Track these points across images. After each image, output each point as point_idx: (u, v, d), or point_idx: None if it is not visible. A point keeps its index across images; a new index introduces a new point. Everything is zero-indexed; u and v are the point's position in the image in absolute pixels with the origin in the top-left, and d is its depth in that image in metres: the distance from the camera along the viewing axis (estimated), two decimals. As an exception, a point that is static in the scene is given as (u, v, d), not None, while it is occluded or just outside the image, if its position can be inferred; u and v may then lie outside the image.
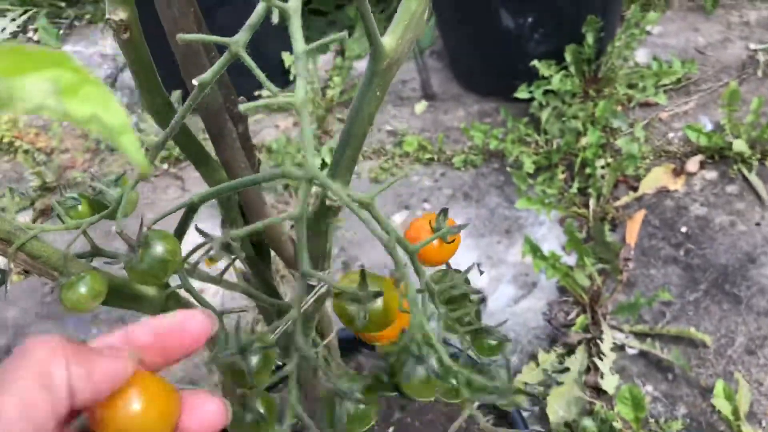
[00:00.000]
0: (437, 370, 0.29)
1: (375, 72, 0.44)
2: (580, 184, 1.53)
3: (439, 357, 0.29)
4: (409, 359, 0.29)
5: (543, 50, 1.64)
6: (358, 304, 0.29)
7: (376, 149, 1.76)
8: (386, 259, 1.23)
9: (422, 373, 0.29)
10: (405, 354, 0.29)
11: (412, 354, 0.29)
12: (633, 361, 1.26)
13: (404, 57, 0.44)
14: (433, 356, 0.29)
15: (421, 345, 0.29)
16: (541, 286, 1.40)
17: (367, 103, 0.45)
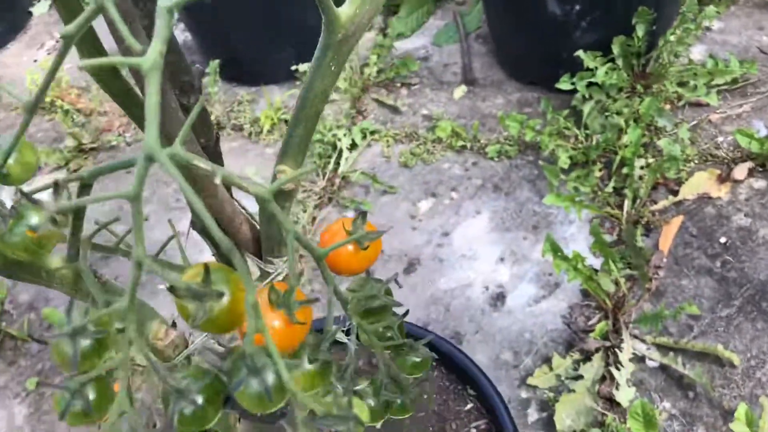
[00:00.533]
0: (270, 388, 0.25)
1: (328, 44, 0.39)
2: (616, 184, 1.45)
3: (278, 372, 0.25)
4: (243, 368, 0.25)
5: (589, 40, 1.56)
6: (198, 302, 0.25)
7: (408, 133, 1.71)
8: (406, 246, 1.20)
9: (254, 388, 0.25)
10: (239, 361, 0.25)
11: (245, 364, 0.25)
12: (652, 375, 1.20)
13: (363, 30, 0.40)
14: (271, 370, 0.25)
15: (257, 356, 0.25)
16: (563, 287, 1.34)
17: (319, 78, 0.40)
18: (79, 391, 0.28)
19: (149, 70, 0.23)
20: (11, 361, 1.44)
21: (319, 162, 1.65)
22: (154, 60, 0.23)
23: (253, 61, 1.90)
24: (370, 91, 1.85)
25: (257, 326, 0.24)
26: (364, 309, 0.36)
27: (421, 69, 1.90)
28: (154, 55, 0.23)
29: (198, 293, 0.25)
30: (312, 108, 0.41)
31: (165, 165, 0.23)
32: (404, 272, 1.42)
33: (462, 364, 0.88)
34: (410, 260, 1.44)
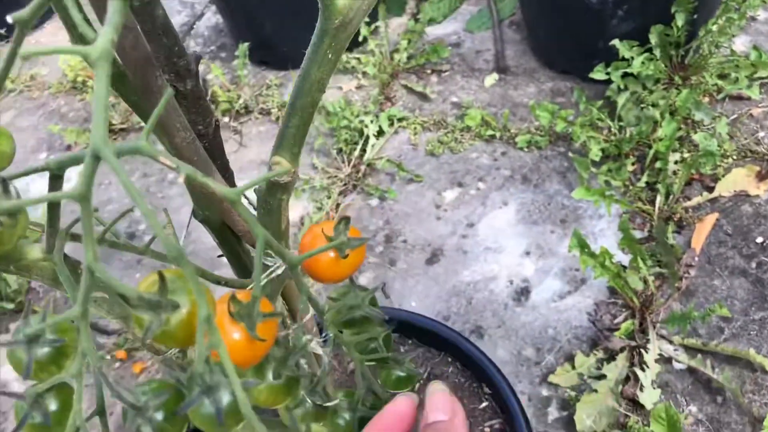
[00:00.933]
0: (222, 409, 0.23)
1: (325, 31, 0.37)
2: (649, 179, 1.41)
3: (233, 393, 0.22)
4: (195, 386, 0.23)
5: (626, 29, 1.50)
6: (153, 313, 0.23)
7: (437, 121, 1.68)
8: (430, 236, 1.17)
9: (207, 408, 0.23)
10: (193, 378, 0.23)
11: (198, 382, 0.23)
12: (679, 377, 1.16)
13: (362, 16, 0.38)
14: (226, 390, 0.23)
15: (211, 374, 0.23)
16: (590, 284, 1.30)
17: (315, 67, 0.38)
18: (37, 401, 0.26)
19: (98, 60, 0.21)
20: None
21: (345, 148, 1.63)
22: (103, 49, 0.21)
23: (283, 44, 1.88)
24: (399, 77, 1.82)
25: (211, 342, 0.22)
26: (346, 319, 0.33)
27: (452, 55, 1.86)
28: (104, 44, 0.21)
29: (152, 303, 0.23)
30: (308, 97, 0.39)
31: (111, 164, 0.21)
32: (427, 263, 1.39)
33: (479, 362, 0.86)
34: (434, 250, 1.41)
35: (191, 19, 2.26)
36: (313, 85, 0.38)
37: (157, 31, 0.40)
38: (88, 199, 0.22)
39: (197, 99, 0.44)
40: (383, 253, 1.43)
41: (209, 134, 0.46)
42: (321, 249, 0.31)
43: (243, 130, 1.80)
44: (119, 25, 0.21)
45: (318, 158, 1.65)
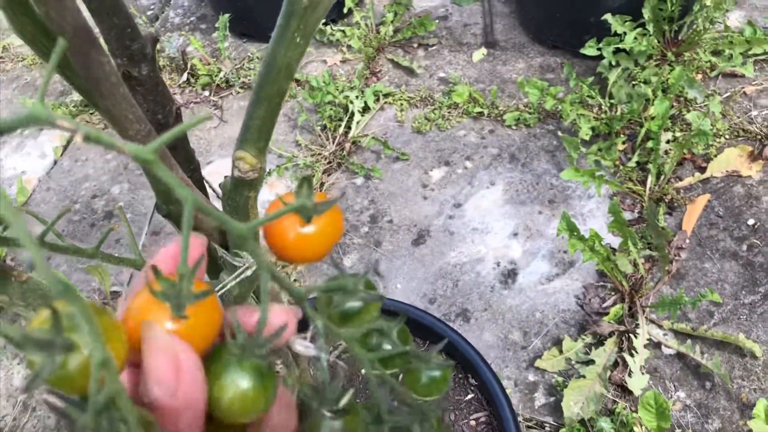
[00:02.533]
0: None
1: (292, 12, 0.33)
2: (639, 158, 1.37)
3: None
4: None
5: (618, 3, 1.46)
6: (45, 354, 0.19)
7: (423, 97, 1.63)
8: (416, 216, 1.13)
9: None
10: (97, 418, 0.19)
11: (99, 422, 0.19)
12: (668, 363, 1.14)
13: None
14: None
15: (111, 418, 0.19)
16: (578, 266, 1.28)
17: (282, 50, 0.34)
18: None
19: None
20: (12, 320, 1.42)
21: (330, 125, 1.58)
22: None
23: (265, 16, 1.82)
24: (385, 52, 1.77)
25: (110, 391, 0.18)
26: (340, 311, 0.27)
27: (439, 29, 1.81)
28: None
29: (43, 343, 0.19)
30: (274, 85, 0.35)
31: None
32: (413, 244, 1.36)
33: (465, 352, 0.83)
34: (420, 231, 1.38)
35: (171, -11, 2.18)
36: (280, 71, 0.34)
37: (105, 10, 0.35)
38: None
39: (155, 86, 0.40)
40: (368, 234, 1.39)
41: (169, 123, 0.42)
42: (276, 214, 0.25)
43: (223, 105, 1.75)
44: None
45: (301, 135, 1.60)
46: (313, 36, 1.46)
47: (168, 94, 0.41)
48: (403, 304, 0.88)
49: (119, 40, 0.37)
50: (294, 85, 1.72)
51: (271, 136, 0.37)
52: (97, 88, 0.35)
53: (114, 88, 0.34)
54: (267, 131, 0.36)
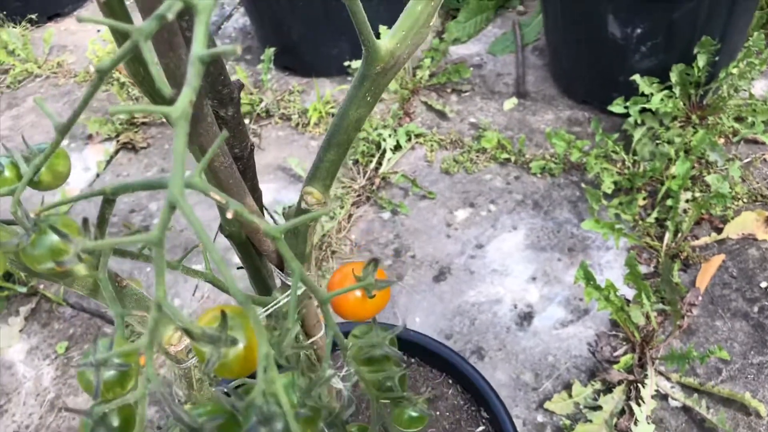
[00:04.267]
0: None
1: (366, 75, 0.39)
2: (659, 215, 1.42)
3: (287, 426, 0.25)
4: (253, 415, 0.25)
5: (647, 65, 1.53)
6: (213, 347, 0.26)
7: (453, 140, 1.70)
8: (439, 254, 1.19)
9: None
10: (251, 407, 0.26)
11: (255, 411, 0.25)
12: (674, 415, 1.17)
13: (402, 63, 0.40)
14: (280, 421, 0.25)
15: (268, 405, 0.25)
16: (593, 314, 1.32)
17: (354, 107, 0.40)
18: (102, 419, 0.28)
19: (178, 120, 0.23)
20: (45, 323, 1.49)
21: (362, 160, 1.65)
22: (183, 109, 0.23)
23: (308, 52, 1.91)
24: (419, 94, 1.84)
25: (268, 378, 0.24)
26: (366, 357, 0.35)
27: (473, 76, 1.88)
28: (183, 105, 0.23)
29: (213, 338, 0.26)
30: (344, 135, 0.41)
31: (187, 216, 0.23)
32: (434, 280, 1.41)
33: (479, 385, 0.88)
34: (441, 268, 1.43)
35: (219, 20, 2.29)
36: (350, 124, 0.41)
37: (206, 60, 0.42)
38: (162, 244, 0.24)
39: (237, 125, 0.46)
40: (391, 267, 1.45)
41: (244, 157, 0.49)
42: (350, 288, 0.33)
43: (262, 134, 1.83)
44: (197, 89, 0.24)
45: (334, 167, 1.67)
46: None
47: (246, 131, 0.48)
48: (422, 335, 0.94)
49: (212, 85, 0.44)
50: (330, 119, 1.80)
51: (335, 177, 0.43)
52: (195, 126, 0.41)
53: (209, 127, 0.41)
54: (333, 172, 0.43)
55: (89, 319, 1.48)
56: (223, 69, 0.44)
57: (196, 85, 0.24)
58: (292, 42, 1.88)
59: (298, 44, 1.89)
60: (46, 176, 0.37)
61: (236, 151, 0.47)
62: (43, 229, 0.32)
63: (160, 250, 0.24)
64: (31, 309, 1.50)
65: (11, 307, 1.50)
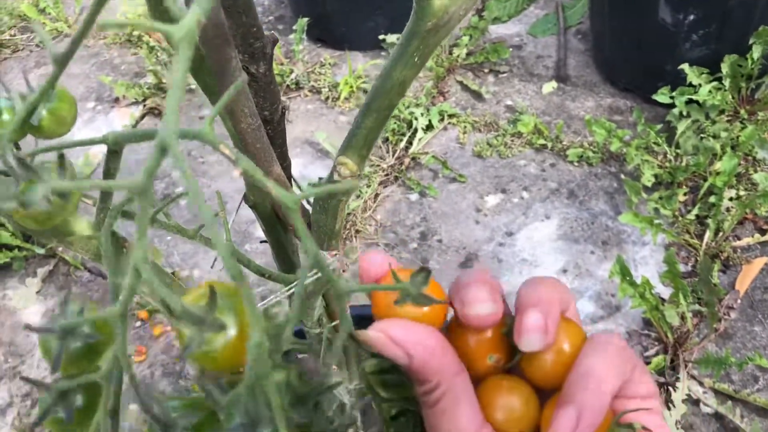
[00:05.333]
0: None
1: (415, 32, 0.34)
2: (699, 212, 1.36)
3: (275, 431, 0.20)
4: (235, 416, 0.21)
5: (697, 55, 1.45)
6: (196, 329, 0.21)
7: (488, 122, 1.64)
8: (466, 239, 1.13)
9: None
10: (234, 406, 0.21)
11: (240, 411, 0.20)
12: (705, 422, 1.12)
13: (457, 21, 0.35)
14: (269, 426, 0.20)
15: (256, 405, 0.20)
16: (624, 311, 1.27)
17: (399, 68, 0.36)
18: (62, 396, 0.24)
19: (180, 41, 0.18)
20: (61, 286, 1.46)
21: (392, 138, 1.60)
22: (188, 30, 0.18)
23: (342, 24, 1.85)
24: (455, 73, 1.78)
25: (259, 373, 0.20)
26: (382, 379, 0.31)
27: (512, 57, 1.82)
28: (190, 24, 0.19)
29: (196, 318, 0.21)
30: (386, 99, 0.37)
31: (178, 161, 0.19)
32: (460, 266, 1.36)
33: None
34: (468, 254, 1.38)
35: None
36: (393, 86, 0.36)
37: (238, 8, 0.37)
38: (148, 194, 0.19)
39: (268, 84, 0.42)
40: (417, 250, 1.40)
41: (274, 120, 0.44)
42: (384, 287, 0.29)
43: (291, 106, 1.78)
44: (208, 9, 0.19)
45: (363, 144, 1.62)
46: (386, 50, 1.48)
47: (277, 92, 0.43)
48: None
49: (244, 37, 0.39)
50: (362, 95, 1.75)
51: (373, 147, 0.39)
52: (222, 81, 0.37)
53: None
54: (371, 141, 0.38)
55: (107, 284, 1.45)
56: (255, 20, 0.39)
57: (207, 5, 0.19)
58: (326, 13, 1.83)
59: (332, 15, 1.83)
60: (48, 121, 0.33)
61: (266, 114, 0.43)
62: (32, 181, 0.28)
63: (145, 201, 0.20)
64: (48, 271, 1.47)
65: (29, 267, 1.48)
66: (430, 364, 0.28)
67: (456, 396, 0.29)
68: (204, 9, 0.18)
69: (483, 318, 0.30)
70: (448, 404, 0.29)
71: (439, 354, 0.29)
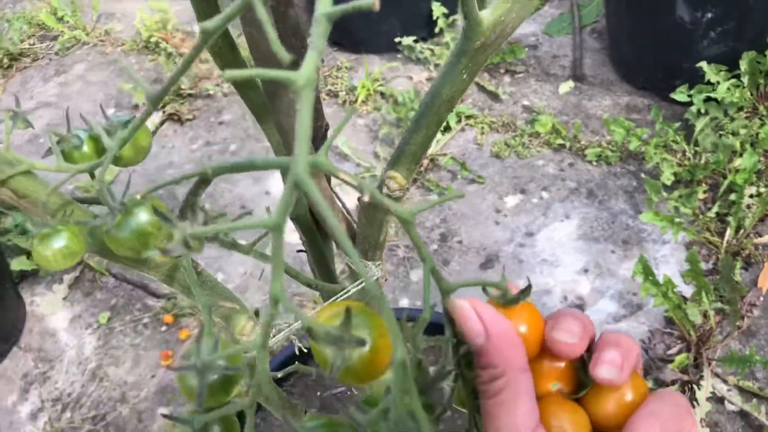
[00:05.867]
0: None
1: (465, 51, 0.36)
2: (720, 210, 1.36)
3: None
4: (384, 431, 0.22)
5: (715, 52, 1.45)
6: (336, 348, 0.23)
7: (505, 123, 1.65)
8: (487, 240, 1.14)
9: None
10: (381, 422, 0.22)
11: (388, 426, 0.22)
12: (730, 419, 1.12)
13: (503, 39, 0.36)
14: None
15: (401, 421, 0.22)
16: (646, 310, 1.27)
17: (448, 85, 0.37)
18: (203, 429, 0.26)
19: (303, 87, 0.20)
20: (88, 292, 1.49)
21: (410, 140, 1.61)
22: (308, 76, 0.20)
23: (358, 27, 1.86)
24: (472, 74, 1.79)
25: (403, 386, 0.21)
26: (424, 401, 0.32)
27: (528, 57, 1.82)
28: (309, 71, 0.20)
29: (336, 338, 0.22)
30: (435, 115, 0.38)
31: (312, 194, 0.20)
32: (481, 267, 1.37)
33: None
34: (489, 255, 1.39)
35: (268, -9, 2.25)
36: (442, 104, 0.37)
37: (288, 32, 0.39)
38: (282, 230, 0.21)
39: (315, 102, 0.43)
40: (437, 252, 1.41)
41: (318, 137, 0.45)
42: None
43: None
44: (323, 51, 0.20)
45: (381, 147, 1.63)
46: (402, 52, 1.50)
47: (321, 110, 0.45)
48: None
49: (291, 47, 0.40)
50: (379, 98, 1.76)
51: (420, 161, 0.40)
52: (274, 104, 0.38)
53: (290, 104, 0.37)
54: (419, 156, 0.39)
55: (132, 290, 1.47)
56: (304, 41, 0.41)
57: (322, 47, 0.20)
58: (343, 16, 1.84)
59: (348, 19, 1.84)
60: (128, 151, 0.34)
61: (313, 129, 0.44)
62: (129, 210, 0.29)
63: (280, 237, 0.21)
64: (74, 277, 1.50)
65: (55, 274, 1.51)
66: (502, 351, 0.30)
67: (517, 390, 0.30)
68: (320, 51, 0.20)
69: (568, 345, 0.31)
70: (509, 397, 0.30)
71: (514, 345, 0.30)
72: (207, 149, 1.74)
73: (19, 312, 1.43)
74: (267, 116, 0.43)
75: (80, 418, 1.28)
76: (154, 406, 1.28)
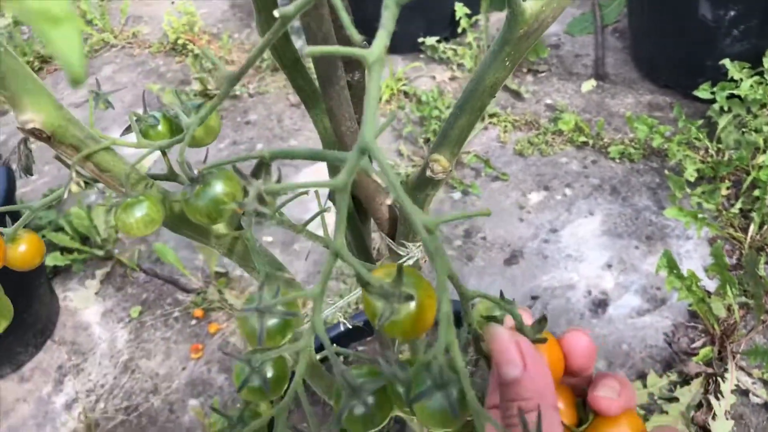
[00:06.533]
0: (455, 404, 0.24)
1: (508, 39, 0.38)
2: (743, 205, 1.37)
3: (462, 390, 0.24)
4: (427, 380, 0.24)
5: (738, 49, 1.46)
6: (386, 302, 0.25)
7: (528, 121, 1.67)
8: (511, 237, 1.16)
9: (437, 402, 0.24)
10: (423, 373, 0.25)
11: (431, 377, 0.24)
12: (755, 411, 1.13)
13: (545, 27, 0.38)
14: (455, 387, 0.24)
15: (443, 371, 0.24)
16: (670, 304, 1.28)
17: (492, 72, 0.39)
18: (259, 368, 0.28)
19: (374, 63, 0.22)
20: (119, 287, 1.52)
21: (433, 138, 1.63)
22: (379, 53, 0.22)
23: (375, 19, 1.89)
24: (494, 73, 1.81)
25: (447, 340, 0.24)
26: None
27: (550, 56, 1.84)
28: (380, 49, 0.22)
29: (388, 293, 0.25)
30: (478, 101, 0.40)
31: (378, 159, 0.22)
32: (505, 263, 1.39)
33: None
34: (513, 251, 1.41)
35: (292, -7, 2.29)
36: (485, 89, 0.39)
37: (339, 22, 0.41)
38: (347, 190, 0.23)
39: (361, 90, 0.46)
40: (461, 248, 1.43)
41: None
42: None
43: (333, 109, 1.82)
44: (392, 32, 0.23)
45: (404, 145, 1.66)
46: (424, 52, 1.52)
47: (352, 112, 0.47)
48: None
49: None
50: (402, 97, 1.78)
51: (463, 144, 0.42)
52: (326, 90, 0.40)
53: (341, 91, 0.40)
54: (462, 139, 0.41)
55: (162, 285, 1.51)
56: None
57: (391, 28, 0.23)
58: (367, 16, 1.87)
59: (372, 19, 1.87)
60: (200, 132, 0.37)
61: (358, 118, 0.47)
62: (207, 181, 0.32)
63: (345, 196, 0.23)
64: (106, 273, 1.53)
65: (88, 269, 1.55)
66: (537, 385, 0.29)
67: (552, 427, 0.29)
68: (389, 31, 0.22)
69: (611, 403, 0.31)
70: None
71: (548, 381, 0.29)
72: (234, 148, 1.77)
73: (52, 306, 1.47)
74: (316, 102, 0.45)
75: (113, 409, 1.31)
76: (185, 397, 1.31)
